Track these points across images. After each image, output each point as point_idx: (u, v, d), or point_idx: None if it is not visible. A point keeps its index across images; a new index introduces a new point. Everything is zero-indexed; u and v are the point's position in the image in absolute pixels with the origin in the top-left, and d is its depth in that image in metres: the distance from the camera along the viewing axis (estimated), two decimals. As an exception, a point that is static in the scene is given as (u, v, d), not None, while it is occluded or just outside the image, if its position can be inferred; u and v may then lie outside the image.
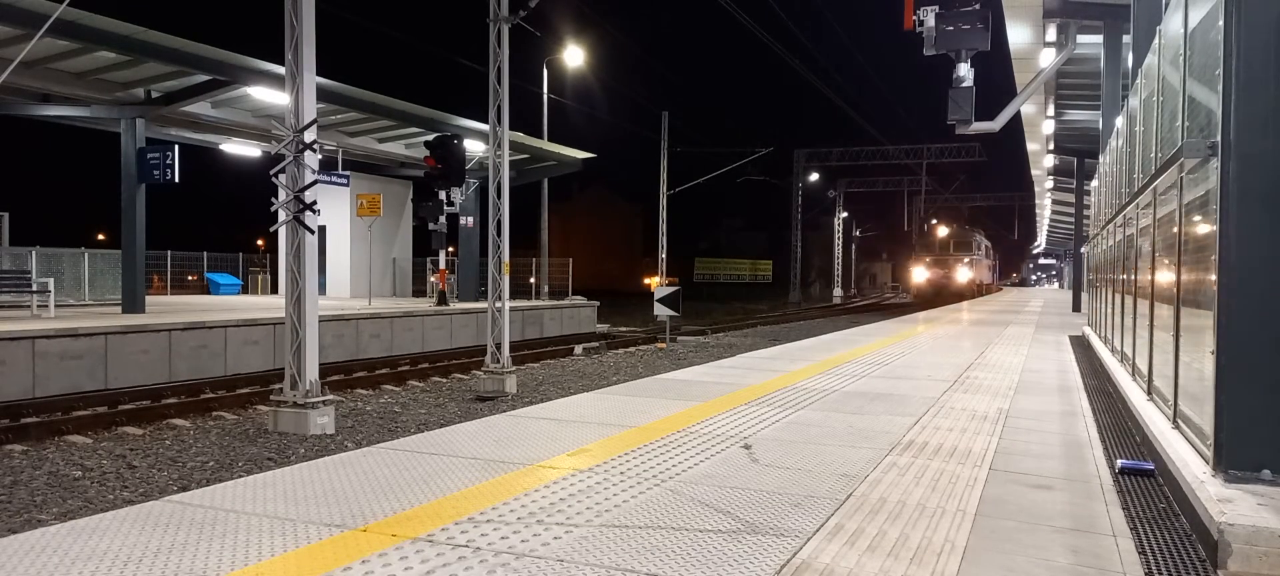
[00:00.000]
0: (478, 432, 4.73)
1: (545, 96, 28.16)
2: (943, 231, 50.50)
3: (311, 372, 8.33)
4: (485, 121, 14.13)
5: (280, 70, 8.72)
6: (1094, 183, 15.32)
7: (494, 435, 4.64)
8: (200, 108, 16.06)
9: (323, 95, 12.25)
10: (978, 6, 15.42)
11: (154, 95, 15.14)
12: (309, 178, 8.21)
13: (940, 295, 44.76)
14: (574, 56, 28.62)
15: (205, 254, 28.71)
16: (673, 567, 2.63)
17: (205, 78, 14.23)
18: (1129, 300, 7.25)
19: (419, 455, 4.12)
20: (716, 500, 3.38)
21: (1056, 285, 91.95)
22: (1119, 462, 4.28)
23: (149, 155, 15.34)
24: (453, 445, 4.36)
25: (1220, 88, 3.34)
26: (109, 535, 2.85)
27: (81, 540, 2.79)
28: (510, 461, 3.99)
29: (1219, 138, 3.36)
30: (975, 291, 46.70)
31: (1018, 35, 18.26)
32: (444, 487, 3.50)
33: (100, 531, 2.89)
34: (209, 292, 27.71)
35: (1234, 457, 3.26)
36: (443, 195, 19.10)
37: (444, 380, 14.60)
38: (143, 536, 2.83)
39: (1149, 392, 5.43)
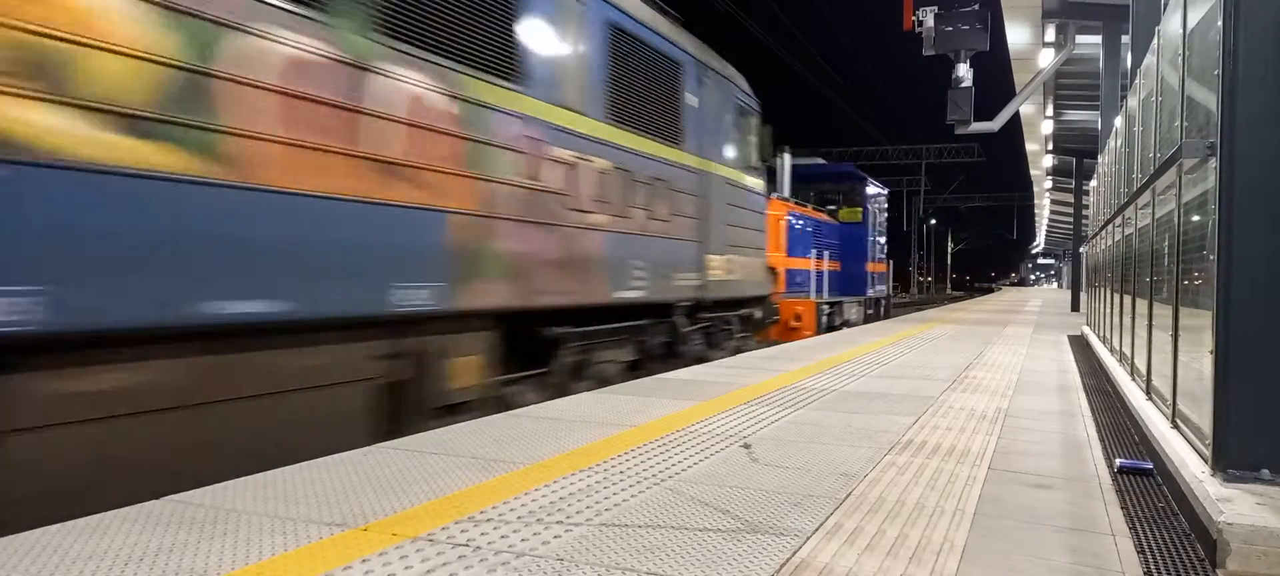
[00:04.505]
0: (478, 432, 4.73)
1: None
2: None
3: (311, 372, 8.15)
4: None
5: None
6: (1093, 183, 15.33)
7: (494, 434, 4.64)
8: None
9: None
10: (976, 7, 15.46)
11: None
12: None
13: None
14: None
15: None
16: (672, 566, 2.64)
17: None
18: (1127, 300, 7.26)
19: (419, 454, 4.12)
20: (716, 499, 3.39)
21: (1055, 285, 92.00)
22: (1118, 462, 4.29)
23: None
24: (453, 444, 4.37)
25: (1219, 88, 3.34)
26: (109, 534, 2.85)
27: (82, 540, 2.79)
28: (510, 461, 3.99)
29: (1218, 138, 3.37)
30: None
31: (1016, 35, 18.30)
32: (444, 487, 3.50)
33: (101, 531, 2.89)
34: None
35: (1233, 457, 3.26)
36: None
37: (443, 380, 14.59)
38: (143, 536, 2.83)
39: (1148, 392, 5.44)
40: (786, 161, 16.52)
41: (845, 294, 18.52)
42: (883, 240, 21.94)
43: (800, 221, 16.35)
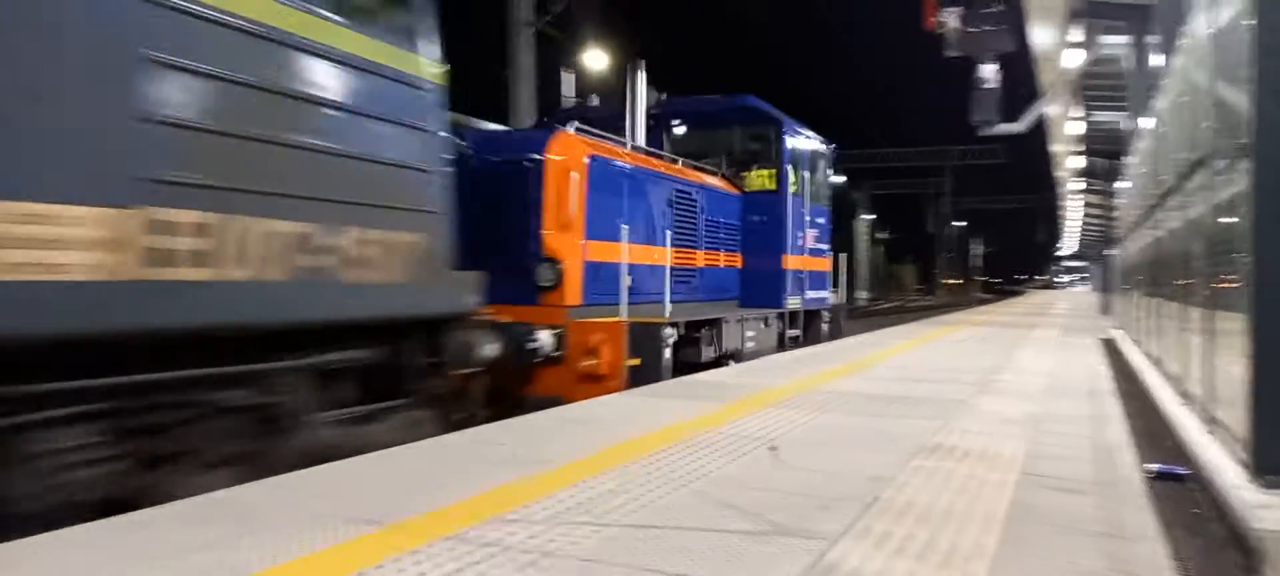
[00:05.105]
0: (504, 434, 4.76)
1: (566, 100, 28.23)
2: None
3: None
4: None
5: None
6: (1122, 184, 15.16)
7: (520, 436, 4.67)
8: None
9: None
10: (1001, 8, 15.31)
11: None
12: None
13: None
14: (596, 60, 28.67)
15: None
16: (700, 569, 2.64)
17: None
18: (1159, 302, 7.17)
19: (448, 453, 4.15)
20: (742, 502, 3.39)
21: (1085, 287, 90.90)
22: (1151, 467, 4.24)
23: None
24: (479, 446, 4.40)
25: (1249, 88, 3.30)
26: (151, 530, 2.90)
27: (125, 535, 2.84)
28: (537, 461, 4.01)
29: (1248, 138, 3.32)
30: None
31: (1041, 35, 18.11)
32: (474, 486, 3.53)
33: (142, 526, 2.94)
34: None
35: (1270, 462, 3.21)
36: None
37: (467, 382, 14.66)
38: (183, 532, 2.88)
39: (1182, 396, 5.37)
40: (639, 88, 10.27)
41: (752, 303, 11.41)
42: (821, 221, 13.45)
43: (620, 175, 8.83)
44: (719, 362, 9.41)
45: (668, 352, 8.30)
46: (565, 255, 7.82)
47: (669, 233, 9.40)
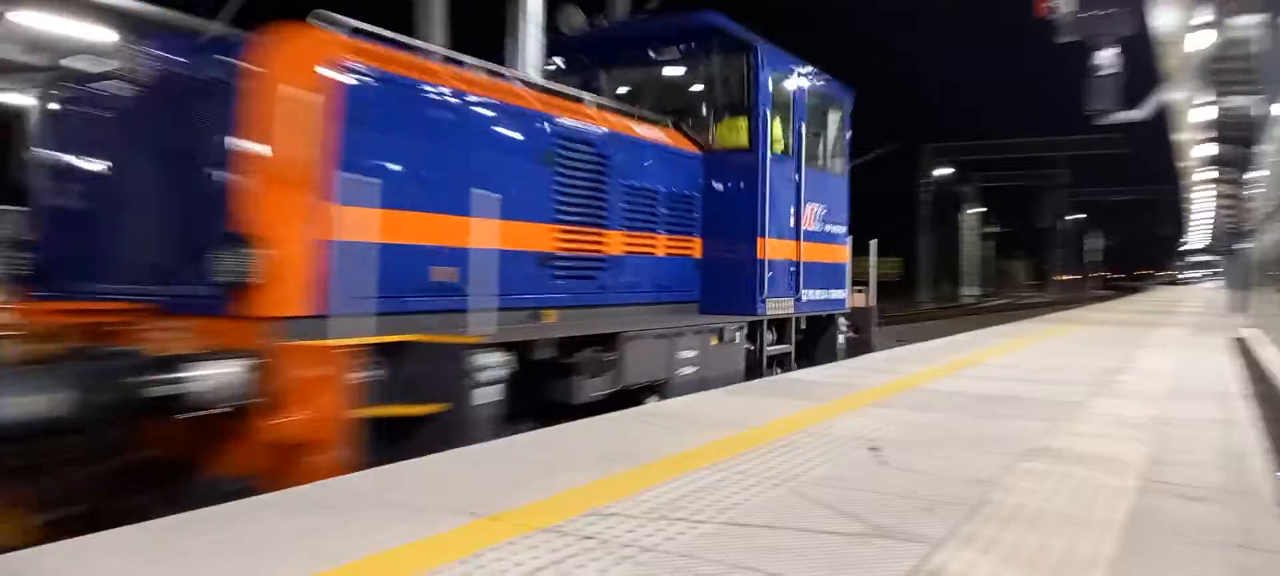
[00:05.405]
0: (599, 430, 4.81)
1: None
2: None
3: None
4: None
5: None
6: (1255, 173, 14.15)
7: (615, 432, 4.71)
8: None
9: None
10: (1119, -13, 14.46)
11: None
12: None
13: None
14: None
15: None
16: (798, 568, 2.60)
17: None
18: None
19: (544, 448, 4.23)
20: (840, 502, 3.32)
21: (1213, 284, 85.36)
22: (1288, 475, 3.94)
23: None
24: (576, 441, 4.45)
25: None
26: (251, 520, 3.04)
27: (224, 525, 2.99)
28: (631, 458, 4.03)
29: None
30: None
31: (1164, 17, 17.06)
32: (568, 482, 3.57)
33: (244, 517, 3.08)
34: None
35: None
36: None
37: (566, 379, 14.87)
38: (281, 522, 3.01)
39: (1323, 400, 4.98)
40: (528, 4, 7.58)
41: (716, 307, 8.07)
42: (832, 195, 9.65)
43: (423, 104, 5.46)
44: (632, 401, 6.17)
45: (488, 393, 5.06)
46: (278, 231, 4.47)
47: (500, 198, 5.63)
